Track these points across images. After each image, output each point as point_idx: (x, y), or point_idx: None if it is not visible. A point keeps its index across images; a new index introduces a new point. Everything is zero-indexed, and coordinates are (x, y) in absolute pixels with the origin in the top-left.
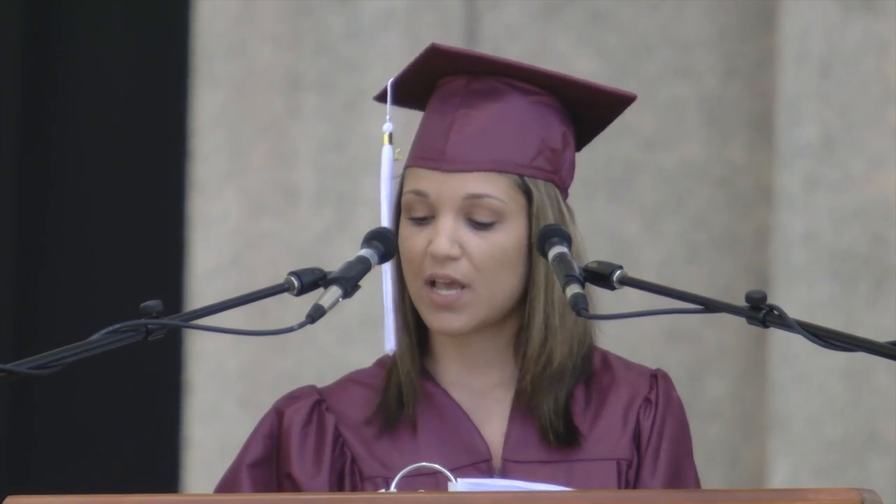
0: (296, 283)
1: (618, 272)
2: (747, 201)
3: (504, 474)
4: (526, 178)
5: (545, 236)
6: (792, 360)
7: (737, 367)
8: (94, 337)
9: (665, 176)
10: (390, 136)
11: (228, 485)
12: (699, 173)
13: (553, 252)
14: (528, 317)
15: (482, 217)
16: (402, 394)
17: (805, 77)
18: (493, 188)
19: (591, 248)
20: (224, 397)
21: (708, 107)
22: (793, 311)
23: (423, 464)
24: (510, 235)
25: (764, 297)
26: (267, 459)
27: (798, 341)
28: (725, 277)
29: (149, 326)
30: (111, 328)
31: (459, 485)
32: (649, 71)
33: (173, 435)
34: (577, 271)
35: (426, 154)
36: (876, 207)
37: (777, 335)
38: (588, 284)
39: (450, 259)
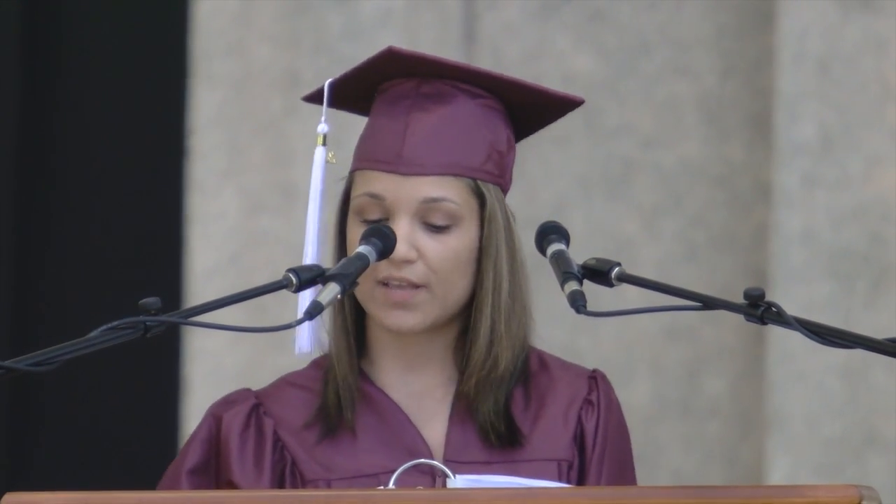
0: (294, 279)
1: (616, 269)
2: (746, 200)
3: (446, 475)
4: (478, 182)
5: (544, 233)
6: (790, 358)
7: (735, 365)
8: (92, 334)
9: (663, 175)
10: (325, 137)
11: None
12: (698, 172)
13: (551, 249)
14: (475, 321)
15: (438, 220)
16: (341, 398)
17: (804, 76)
18: (450, 192)
19: (590, 246)
20: (222, 395)
21: (706, 106)
22: (791, 310)
23: (423, 460)
24: (464, 239)
25: (762, 295)
26: (205, 465)
27: (796, 339)
28: (724, 276)
29: (147, 323)
30: (109, 325)
31: (458, 481)
32: (648, 70)
33: (171, 432)
34: (575, 268)
35: (380, 157)
36: (874, 206)
37: (775, 333)
38: (586, 281)
39: (406, 262)
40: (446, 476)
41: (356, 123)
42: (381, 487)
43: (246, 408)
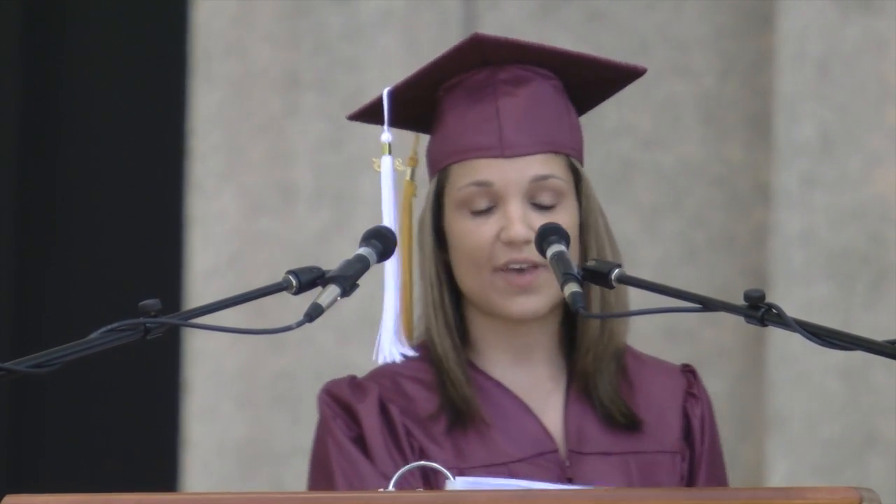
0: (294, 281)
1: (616, 271)
2: (745, 200)
3: (571, 465)
4: (571, 158)
5: (544, 234)
6: (790, 360)
7: (735, 367)
8: (92, 336)
9: (663, 175)
10: (390, 146)
11: (347, 472)
12: (697, 172)
13: (551, 250)
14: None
15: (546, 199)
16: (461, 393)
17: (803, 76)
18: (555, 168)
19: None
20: (222, 396)
21: (705, 106)
22: (791, 311)
23: (424, 462)
24: (570, 214)
25: (762, 296)
26: (357, 439)
27: (796, 340)
28: (723, 277)
29: (147, 325)
30: (109, 327)
31: (457, 483)
32: (647, 70)
33: (171, 434)
34: (574, 270)
35: (481, 144)
36: (874, 207)
37: (775, 334)
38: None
39: (527, 243)
40: (565, 466)
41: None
42: (381, 489)
43: (375, 398)
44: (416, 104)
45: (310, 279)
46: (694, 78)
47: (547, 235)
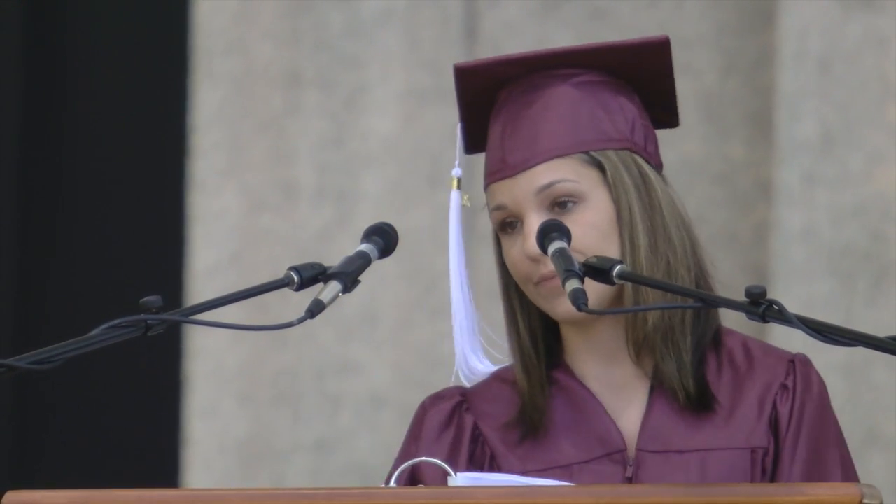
0: (295, 278)
1: (617, 267)
2: (746, 198)
3: (638, 465)
4: (592, 153)
5: (545, 231)
6: None
7: None
8: (93, 332)
9: (664, 172)
10: (459, 181)
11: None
12: (698, 170)
13: (552, 247)
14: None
15: (562, 203)
16: (533, 401)
17: (804, 74)
18: (560, 173)
19: None
20: (223, 393)
21: (707, 103)
22: (792, 308)
23: (425, 458)
24: (596, 210)
25: (763, 293)
26: None
27: (797, 337)
28: (725, 274)
29: (148, 322)
30: (111, 323)
31: (458, 479)
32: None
33: (173, 431)
34: (576, 266)
35: (491, 169)
36: (875, 204)
37: (776, 331)
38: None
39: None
40: (629, 465)
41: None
42: (382, 486)
43: (450, 405)
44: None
45: (311, 275)
46: (695, 75)
47: (548, 232)
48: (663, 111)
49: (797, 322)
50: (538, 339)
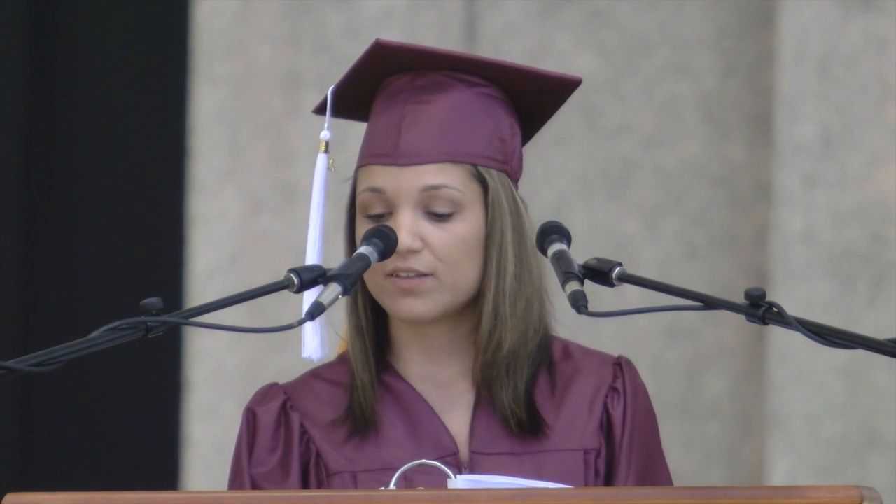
0: (295, 280)
1: (617, 269)
2: (746, 200)
3: (472, 467)
4: (480, 168)
5: (544, 233)
6: (791, 359)
7: (736, 365)
8: (93, 334)
9: (664, 174)
10: (327, 144)
11: (232, 475)
12: (698, 172)
13: (552, 249)
14: (480, 304)
15: (441, 208)
16: (363, 399)
17: (804, 76)
18: (450, 178)
19: (591, 246)
20: (223, 395)
21: (707, 105)
22: (792, 310)
23: (424, 461)
24: (469, 225)
25: (763, 295)
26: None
27: (797, 339)
28: (725, 276)
29: (148, 324)
30: (111, 325)
31: (458, 481)
32: (648, 69)
33: (173, 433)
34: (576, 268)
35: (379, 150)
36: (875, 206)
37: (776, 333)
38: (587, 281)
39: (412, 252)
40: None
41: (358, 128)
42: (383, 488)
43: (277, 403)
44: (361, 104)
45: (311, 278)
46: (695, 77)
47: (548, 234)
48: (524, 134)
49: (797, 324)
50: (371, 332)
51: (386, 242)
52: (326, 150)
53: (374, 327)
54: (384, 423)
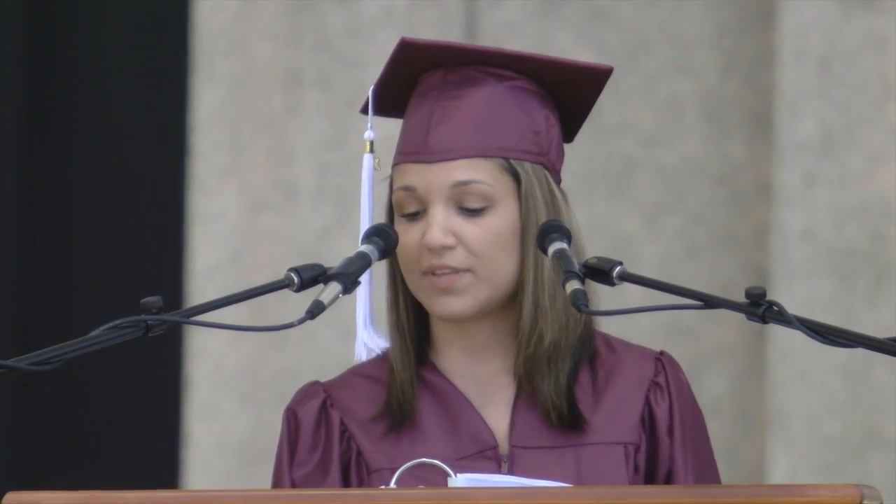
0: (295, 279)
1: (617, 268)
2: (747, 198)
3: (511, 461)
4: (512, 161)
5: (544, 232)
6: (791, 357)
7: (736, 364)
8: (93, 333)
9: (664, 173)
10: (371, 144)
11: (275, 475)
12: (698, 170)
13: (553, 248)
14: (519, 298)
15: (473, 203)
16: (403, 395)
17: (804, 74)
18: (480, 173)
19: (591, 244)
20: (224, 394)
21: (707, 104)
22: (792, 308)
23: (425, 459)
24: (503, 219)
25: (763, 294)
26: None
27: (798, 338)
28: (725, 274)
29: (149, 322)
30: (111, 324)
31: (459, 480)
32: (649, 68)
33: (173, 431)
34: (576, 267)
35: (409, 149)
36: (875, 204)
37: (776, 332)
38: (588, 280)
39: (445, 249)
40: (501, 463)
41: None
42: (383, 487)
43: (318, 402)
44: (401, 102)
45: (311, 276)
46: (695, 76)
47: (548, 233)
48: (568, 127)
49: (797, 323)
50: (412, 330)
51: (386, 241)
52: (371, 150)
53: (416, 325)
54: (423, 419)
